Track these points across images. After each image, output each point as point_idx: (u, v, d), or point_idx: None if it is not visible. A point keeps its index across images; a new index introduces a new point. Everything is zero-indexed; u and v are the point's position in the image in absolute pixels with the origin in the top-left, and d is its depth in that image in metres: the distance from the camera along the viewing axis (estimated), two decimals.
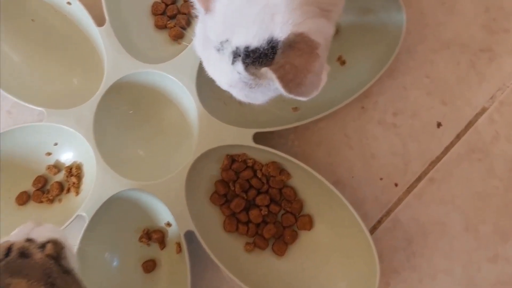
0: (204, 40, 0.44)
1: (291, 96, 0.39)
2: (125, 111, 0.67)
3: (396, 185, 0.65)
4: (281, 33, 0.39)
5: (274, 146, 0.66)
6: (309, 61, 0.38)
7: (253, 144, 0.61)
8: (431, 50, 0.66)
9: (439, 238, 0.64)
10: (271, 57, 0.40)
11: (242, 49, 0.40)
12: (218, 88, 0.47)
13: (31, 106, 0.65)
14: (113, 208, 0.64)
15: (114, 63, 0.63)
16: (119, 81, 0.64)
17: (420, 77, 0.66)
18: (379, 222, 0.65)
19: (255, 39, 0.40)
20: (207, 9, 0.41)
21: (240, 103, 0.59)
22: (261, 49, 0.40)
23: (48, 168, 0.69)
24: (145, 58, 0.64)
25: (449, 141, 0.65)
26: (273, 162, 0.64)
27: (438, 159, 0.65)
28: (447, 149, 0.65)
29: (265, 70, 0.39)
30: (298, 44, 0.39)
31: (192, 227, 0.61)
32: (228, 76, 0.43)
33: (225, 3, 0.40)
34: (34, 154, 0.69)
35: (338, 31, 0.65)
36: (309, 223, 0.64)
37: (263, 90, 0.43)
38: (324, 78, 0.41)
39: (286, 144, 0.67)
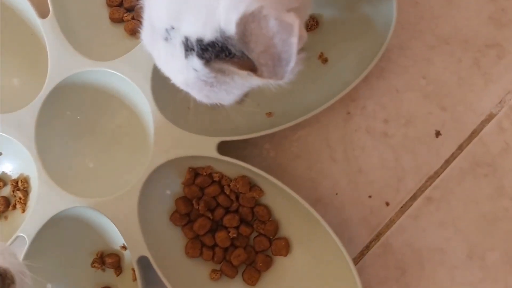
0: (151, 30, 0.37)
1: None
2: (71, 117, 0.59)
3: (387, 204, 0.56)
4: (227, 22, 0.32)
5: (247, 157, 0.58)
6: (286, 42, 0.31)
7: (217, 156, 0.53)
8: (428, 46, 0.57)
9: (438, 268, 0.55)
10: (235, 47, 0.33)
11: (194, 41, 0.34)
12: (177, 88, 0.40)
13: None
14: (59, 229, 0.56)
15: (59, 60, 0.55)
16: (65, 82, 0.55)
17: (415, 77, 0.57)
18: (367, 247, 0.56)
19: (206, 30, 0.33)
20: None
21: (208, 106, 0.51)
22: (219, 43, 0.33)
23: None
24: (95, 55, 0.56)
25: (449, 153, 0.57)
26: (243, 177, 0.55)
27: (437, 174, 0.56)
28: (447, 162, 0.57)
29: (244, 73, 0.34)
30: (260, 24, 0.32)
31: (146, 252, 0.53)
32: (183, 73, 0.37)
33: None
34: None
35: (318, 24, 0.57)
36: (285, 248, 0.55)
37: (227, 88, 0.37)
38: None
39: (260, 155, 0.59)
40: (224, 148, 0.54)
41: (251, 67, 0.33)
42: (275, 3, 0.33)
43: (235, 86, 0.37)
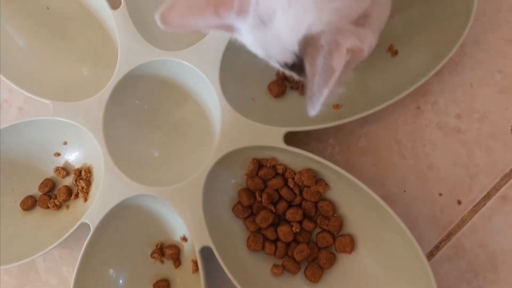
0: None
1: None
2: (139, 106, 0.59)
3: (459, 202, 0.53)
4: (292, 45, 0.36)
5: (311, 152, 0.56)
6: (322, 84, 0.33)
7: (284, 146, 0.52)
8: (505, 40, 0.54)
9: None
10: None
11: (283, 64, 0.39)
12: (246, 80, 0.42)
13: (37, 98, 0.58)
14: (121, 217, 0.56)
15: (129, 50, 0.56)
16: (134, 71, 0.56)
17: (491, 72, 0.54)
18: (437, 247, 0.53)
19: (286, 57, 0.37)
20: (232, 32, 0.39)
21: (273, 98, 0.50)
22: (298, 64, 0.37)
23: (57, 170, 0.62)
24: (165, 46, 0.56)
25: None
26: (308, 170, 0.54)
27: None
28: None
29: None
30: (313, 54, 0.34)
31: (209, 242, 0.52)
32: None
33: (246, 31, 0.38)
34: (42, 153, 0.62)
35: (390, 15, 0.55)
36: (349, 245, 0.53)
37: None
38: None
39: (325, 150, 0.57)
40: (288, 142, 0.53)
41: None
42: (341, 17, 0.34)
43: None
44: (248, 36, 0.38)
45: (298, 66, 0.37)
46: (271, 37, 0.36)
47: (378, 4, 0.38)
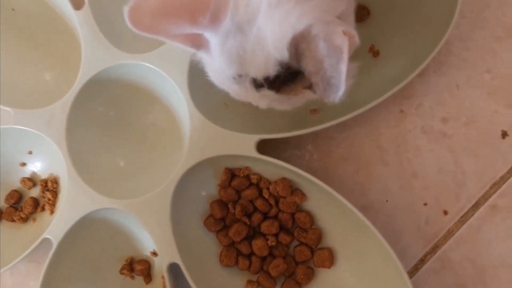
0: (219, 75, 0.38)
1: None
2: (104, 113, 0.56)
3: (445, 213, 0.50)
4: (280, 52, 0.33)
5: (288, 159, 0.53)
6: (335, 68, 0.31)
7: (256, 155, 0.48)
8: (493, 37, 0.51)
9: (504, 286, 0.48)
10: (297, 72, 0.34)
11: (262, 80, 0.35)
12: (214, 84, 0.38)
13: None
14: (87, 232, 0.53)
15: (92, 53, 0.53)
16: (98, 76, 0.52)
17: (479, 72, 0.51)
18: (422, 261, 0.50)
19: (268, 69, 0.34)
20: (199, 47, 0.36)
21: (246, 103, 0.47)
22: (282, 75, 0.35)
23: (23, 181, 0.59)
24: (129, 48, 0.52)
25: None
26: (283, 179, 0.50)
27: (503, 179, 0.50)
28: None
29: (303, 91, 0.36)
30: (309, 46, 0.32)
31: (177, 259, 0.48)
32: (260, 101, 0.39)
33: (219, 42, 0.34)
34: (7, 164, 0.59)
35: (370, 14, 0.52)
36: (328, 259, 0.50)
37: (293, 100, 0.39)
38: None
39: (303, 157, 0.54)
40: (263, 149, 0.50)
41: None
42: (324, 12, 0.32)
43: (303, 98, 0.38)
44: (218, 51, 0.35)
45: (281, 78, 0.35)
46: (252, 46, 0.33)
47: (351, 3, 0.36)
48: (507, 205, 0.49)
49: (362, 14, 0.52)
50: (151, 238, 0.50)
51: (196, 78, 0.51)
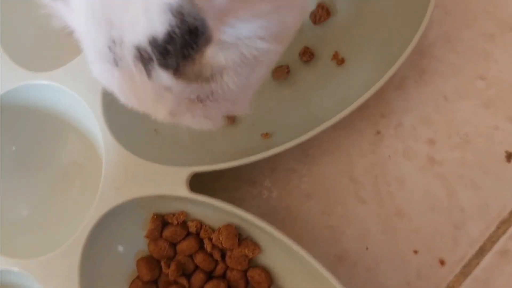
0: (98, 59, 0.25)
1: None
2: (3, 148, 0.44)
3: (442, 262, 0.38)
4: None
5: (242, 199, 0.42)
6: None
7: (187, 193, 0.37)
8: (485, 35, 0.41)
9: None
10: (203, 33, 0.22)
11: (147, 47, 0.22)
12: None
13: None
14: None
15: None
16: None
17: (470, 79, 0.41)
18: None
19: (154, 21, 0.22)
20: None
21: (180, 129, 0.36)
22: (176, 31, 0.22)
23: None
24: (32, 65, 0.41)
25: None
26: (228, 226, 0.38)
27: None
28: None
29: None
30: None
31: None
32: (159, 100, 0.26)
33: None
34: None
35: (330, 14, 0.42)
36: None
37: (225, 96, 0.26)
38: None
39: (260, 195, 0.43)
40: (208, 187, 0.39)
41: None
42: None
43: (229, 91, 0.26)
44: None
45: (176, 41, 0.22)
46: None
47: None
48: None
49: (320, 15, 0.41)
50: None
51: (114, 98, 0.40)
